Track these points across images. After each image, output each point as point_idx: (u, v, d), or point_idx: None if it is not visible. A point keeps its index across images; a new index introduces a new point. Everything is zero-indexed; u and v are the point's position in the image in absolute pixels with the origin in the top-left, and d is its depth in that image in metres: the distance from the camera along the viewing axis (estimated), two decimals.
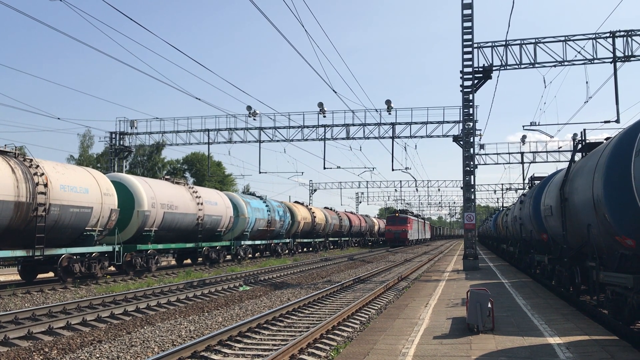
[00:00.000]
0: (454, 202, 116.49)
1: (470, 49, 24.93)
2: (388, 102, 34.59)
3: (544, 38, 25.07)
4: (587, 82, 26.24)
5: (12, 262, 25.49)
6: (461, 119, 29.04)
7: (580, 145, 14.27)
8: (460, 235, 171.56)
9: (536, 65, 25.05)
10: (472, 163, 25.91)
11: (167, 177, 29.07)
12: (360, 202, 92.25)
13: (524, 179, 44.58)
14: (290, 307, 13.63)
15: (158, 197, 24.56)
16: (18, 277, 21.19)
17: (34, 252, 17.73)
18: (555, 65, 25.09)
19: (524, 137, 45.19)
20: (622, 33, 24.17)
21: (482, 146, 45.10)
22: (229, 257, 33.79)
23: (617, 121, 23.85)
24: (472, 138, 26.02)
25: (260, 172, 45.99)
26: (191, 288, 18.33)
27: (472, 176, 25.78)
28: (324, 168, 47.34)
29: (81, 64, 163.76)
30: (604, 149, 10.84)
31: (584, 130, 14.24)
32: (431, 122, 35.05)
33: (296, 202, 50.17)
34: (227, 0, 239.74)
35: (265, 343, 10.26)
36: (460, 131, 31.48)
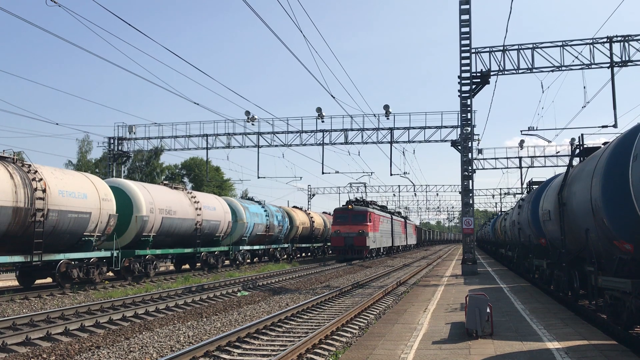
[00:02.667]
0: (452, 207, 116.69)
1: (468, 54, 25.01)
2: (386, 107, 34.66)
3: (542, 43, 25.18)
4: (584, 87, 26.46)
5: (10, 268, 25.43)
6: (459, 124, 29.10)
7: (578, 150, 14.31)
8: (454, 240, 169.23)
9: (534, 70, 25.15)
10: (470, 168, 25.95)
11: (165, 182, 29.07)
12: None
13: (522, 184, 44.63)
14: (289, 313, 13.61)
15: (156, 202, 24.54)
16: (16, 283, 21.14)
17: (32, 257, 17.69)
18: (552, 70, 25.19)
19: (522, 141, 45.22)
20: (619, 38, 24.28)
21: (480, 151, 45.16)
22: (227, 262, 33.74)
23: (615, 126, 23.93)
24: (470, 143, 26.07)
25: (258, 177, 46.27)
26: (189, 293, 18.29)
27: (470, 181, 25.82)
28: (323, 173, 47.44)
29: (79, 69, 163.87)
30: (602, 153, 10.87)
31: (582, 135, 14.27)
32: (429, 127, 35.14)
33: (295, 207, 50.15)
34: (225, 5, 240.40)
35: (264, 349, 10.24)
36: (458, 136, 31.56)
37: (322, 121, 36.17)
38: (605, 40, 24.38)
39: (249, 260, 38.03)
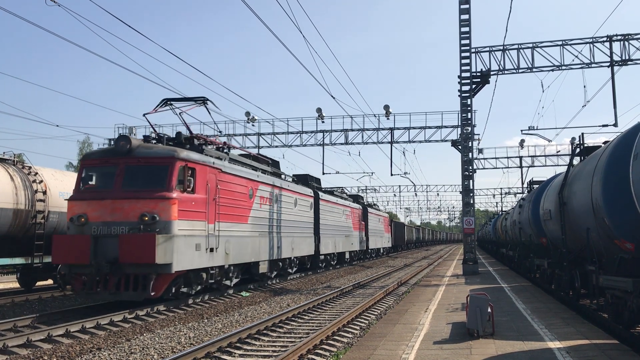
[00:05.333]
0: (453, 207, 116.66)
1: (467, 54, 25.02)
2: (386, 107, 34.63)
3: (542, 42, 25.19)
4: (584, 86, 26.44)
5: (11, 270, 25.44)
6: (459, 124, 29.08)
7: (578, 149, 14.31)
8: (447, 239, 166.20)
9: (534, 69, 25.15)
10: (470, 167, 25.94)
11: None
12: None
13: (522, 183, 44.62)
14: (289, 313, 13.61)
15: None
16: (17, 285, 21.14)
17: (33, 259, 17.71)
18: (552, 70, 25.19)
19: (522, 141, 45.23)
20: (619, 37, 24.28)
21: (480, 151, 45.16)
22: None
23: (615, 125, 23.95)
24: (470, 142, 26.07)
25: None
26: (190, 294, 18.25)
27: (470, 181, 25.81)
28: (323, 173, 47.36)
29: (79, 70, 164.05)
30: (602, 152, 10.87)
31: (582, 134, 14.27)
32: (429, 127, 35.09)
33: None
34: (225, 7, 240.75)
35: (265, 349, 10.23)
36: (458, 136, 31.54)
37: (323, 122, 36.17)
38: (605, 39, 24.38)
39: None
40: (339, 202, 34.24)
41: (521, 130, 46.73)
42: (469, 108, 25.53)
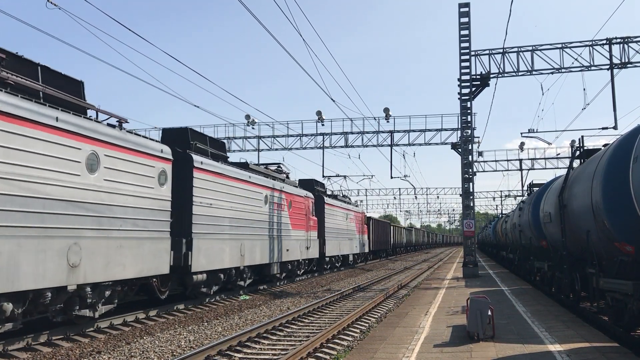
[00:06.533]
0: (453, 210, 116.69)
1: (467, 57, 25.06)
2: (386, 109, 34.68)
3: (541, 45, 25.21)
4: (584, 89, 26.41)
5: None
6: (459, 127, 29.11)
7: (578, 152, 14.32)
8: (448, 242, 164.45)
9: (533, 72, 25.18)
10: (470, 170, 25.95)
11: None
12: None
13: (522, 186, 44.65)
14: (290, 316, 13.60)
15: None
16: None
17: None
18: (552, 72, 25.21)
19: (522, 144, 45.29)
20: (618, 40, 24.31)
21: (480, 153, 45.20)
22: None
23: (615, 127, 23.95)
24: (470, 145, 26.08)
25: None
26: (190, 297, 18.24)
27: (470, 183, 25.82)
28: (323, 176, 47.33)
29: (79, 72, 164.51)
30: (602, 155, 10.87)
31: (582, 137, 14.28)
32: (429, 130, 35.13)
33: None
34: (226, 10, 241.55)
35: (265, 352, 10.23)
36: (458, 138, 31.57)
37: (322, 124, 36.21)
38: (604, 42, 24.42)
39: None
40: (256, 181, 20.64)
41: (521, 133, 46.68)
42: (469, 111, 25.56)
